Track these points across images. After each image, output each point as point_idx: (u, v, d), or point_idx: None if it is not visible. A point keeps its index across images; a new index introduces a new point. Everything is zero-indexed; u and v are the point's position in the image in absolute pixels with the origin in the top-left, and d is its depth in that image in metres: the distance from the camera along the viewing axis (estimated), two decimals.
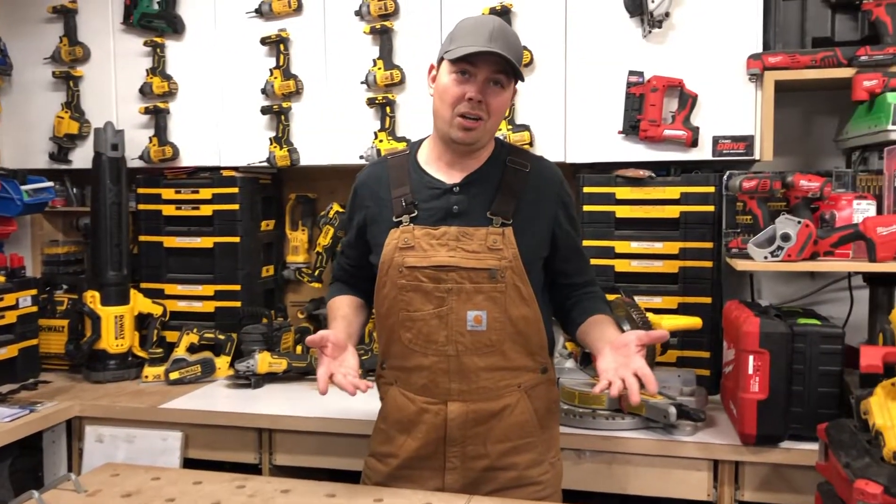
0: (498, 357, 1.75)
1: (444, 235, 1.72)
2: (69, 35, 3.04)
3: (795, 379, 2.04)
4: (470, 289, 1.71)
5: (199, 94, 2.96)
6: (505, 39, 1.66)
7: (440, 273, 1.71)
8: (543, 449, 1.83)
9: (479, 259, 1.71)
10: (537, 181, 1.80)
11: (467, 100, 1.66)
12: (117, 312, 2.84)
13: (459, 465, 1.77)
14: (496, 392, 1.76)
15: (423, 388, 1.77)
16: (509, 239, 1.72)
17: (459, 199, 1.74)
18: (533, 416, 1.80)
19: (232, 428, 2.44)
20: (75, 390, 2.73)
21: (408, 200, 1.75)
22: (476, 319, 1.72)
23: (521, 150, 1.90)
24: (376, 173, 1.85)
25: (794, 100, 2.66)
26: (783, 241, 2.12)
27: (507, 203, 1.74)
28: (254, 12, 2.84)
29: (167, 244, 3.02)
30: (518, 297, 1.74)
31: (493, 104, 1.69)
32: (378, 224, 1.79)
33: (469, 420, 1.75)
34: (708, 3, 2.45)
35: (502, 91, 1.70)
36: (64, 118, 3.05)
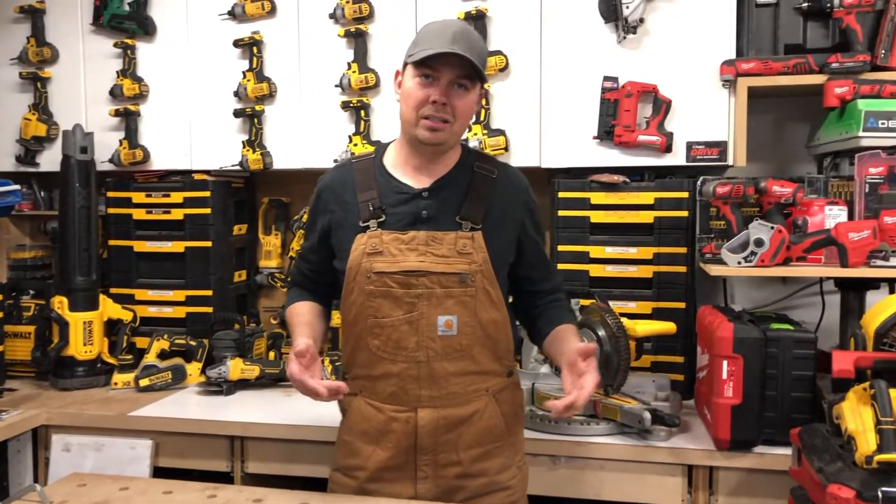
0: (468, 362, 1.74)
1: (413, 240, 1.71)
2: (37, 36, 2.99)
3: (769, 384, 2.06)
4: (440, 293, 1.70)
5: (170, 97, 2.92)
6: (468, 42, 1.66)
7: (410, 278, 1.70)
8: (511, 453, 1.83)
9: (449, 264, 1.70)
10: (504, 187, 1.80)
11: (431, 102, 1.66)
12: (86, 318, 2.79)
13: (431, 473, 1.75)
14: (465, 397, 1.75)
15: (392, 395, 1.74)
16: (479, 243, 1.72)
17: (428, 204, 1.73)
18: (501, 420, 1.80)
19: (203, 436, 2.40)
20: (42, 398, 2.67)
21: (375, 205, 1.74)
22: (447, 324, 1.71)
23: (487, 156, 1.91)
24: (341, 177, 1.82)
25: (766, 106, 2.68)
26: (756, 246, 2.13)
27: (475, 208, 1.74)
28: (227, 14, 2.81)
29: (137, 249, 2.97)
30: (488, 301, 1.73)
31: (458, 106, 1.69)
32: (343, 229, 1.77)
33: (440, 427, 1.74)
34: (682, 9, 2.46)
35: (466, 93, 1.70)
36: (31, 120, 3.00)
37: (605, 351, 2.22)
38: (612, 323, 2.23)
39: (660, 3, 2.47)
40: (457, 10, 2.60)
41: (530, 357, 2.49)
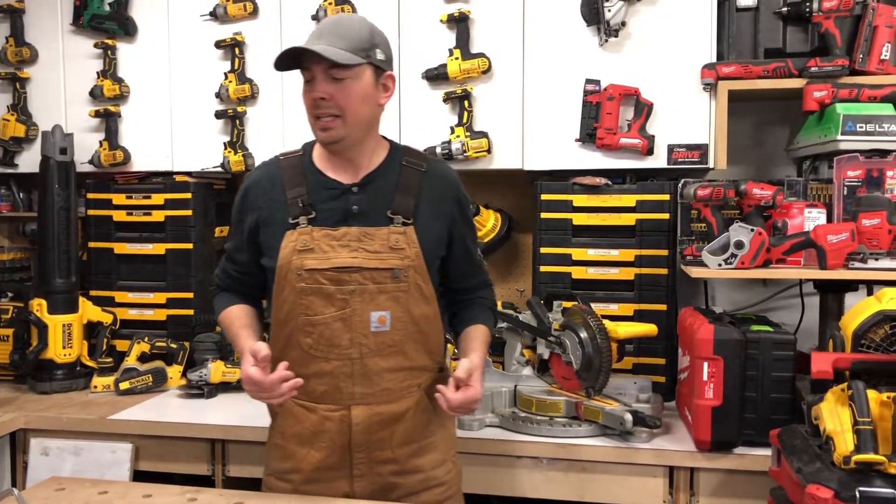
0: (400, 357, 1.74)
1: (344, 236, 1.70)
2: (16, 35, 2.97)
3: (749, 385, 2.07)
4: (373, 289, 1.70)
5: (151, 98, 2.90)
6: (335, 31, 1.66)
7: (342, 275, 1.69)
8: (446, 448, 1.84)
9: (381, 259, 1.70)
10: (434, 181, 1.79)
11: (318, 101, 1.67)
12: (65, 321, 2.76)
13: (367, 471, 1.75)
14: (398, 393, 1.75)
15: (324, 394, 1.74)
16: (411, 238, 1.72)
17: (358, 199, 1.72)
18: (434, 416, 1.80)
19: (184, 439, 2.39)
20: (20, 401, 2.65)
21: (304, 201, 1.72)
22: (380, 320, 1.71)
23: (415, 151, 1.88)
24: (269, 174, 1.79)
25: (746, 109, 2.70)
26: (737, 248, 2.15)
27: (406, 202, 1.74)
28: (208, 15, 2.80)
29: (118, 250, 2.95)
30: (420, 296, 1.74)
31: (339, 97, 1.65)
32: (271, 226, 1.74)
33: (373, 424, 1.74)
34: (663, 13, 2.48)
35: (347, 83, 1.65)
36: (10, 121, 2.97)
37: (587, 353, 2.23)
38: (594, 325, 2.24)
39: (641, 6, 2.48)
40: (439, 11, 2.61)
41: (512, 359, 2.49)
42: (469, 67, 2.57)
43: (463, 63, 2.57)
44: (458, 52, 2.58)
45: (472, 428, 2.27)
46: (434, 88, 2.64)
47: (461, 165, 2.61)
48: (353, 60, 1.64)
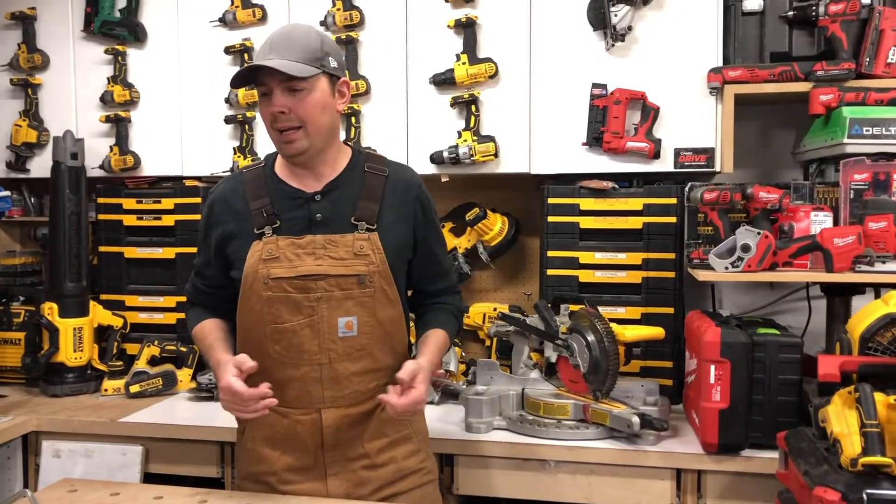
0: (368, 360, 1.76)
1: (309, 244, 1.72)
2: (28, 42, 2.99)
3: (756, 388, 2.07)
4: (339, 296, 1.72)
5: (161, 103, 2.92)
6: (286, 43, 1.67)
7: (308, 282, 1.71)
8: (418, 440, 1.86)
9: (347, 266, 1.72)
10: (397, 185, 1.81)
11: (277, 115, 1.68)
12: (76, 324, 2.78)
13: (340, 469, 1.77)
14: (366, 395, 1.78)
15: (295, 399, 1.76)
16: (375, 243, 1.74)
17: (322, 207, 1.75)
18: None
19: (194, 442, 2.41)
20: (32, 404, 2.67)
21: (268, 211, 1.74)
22: (347, 325, 1.73)
23: (378, 156, 1.91)
24: (232, 187, 1.82)
25: (753, 113, 2.71)
26: (743, 251, 2.15)
27: (369, 208, 1.76)
28: (218, 21, 2.82)
29: (128, 255, 2.97)
30: (385, 300, 1.76)
31: (299, 109, 1.67)
32: (239, 238, 1.76)
33: (343, 425, 1.76)
34: (669, 17, 2.49)
35: (304, 94, 1.67)
36: (22, 126, 3.00)
37: (595, 356, 2.24)
38: (601, 328, 2.24)
39: (648, 11, 2.49)
40: (446, 17, 2.62)
41: (520, 362, 2.50)
42: (476, 72, 2.58)
43: (470, 68, 2.59)
44: (465, 57, 2.59)
45: (479, 431, 2.28)
46: (441, 93, 2.65)
47: (468, 169, 2.63)
48: (307, 72, 1.66)
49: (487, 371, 2.46)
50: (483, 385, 2.44)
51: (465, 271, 2.87)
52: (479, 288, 3.01)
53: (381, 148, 2.69)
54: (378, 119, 2.72)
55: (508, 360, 2.61)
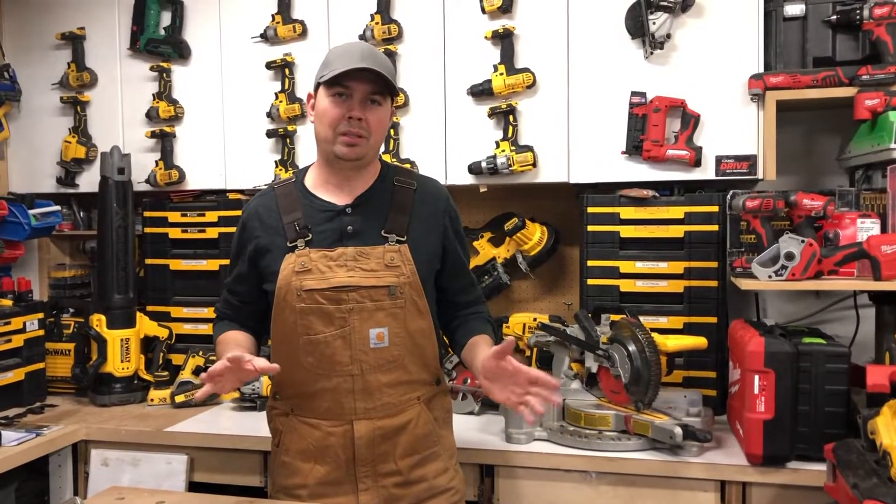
0: (400, 372, 1.77)
1: (341, 256, 1.74)
2: (77, 61, 3.08)
3: (801, 398, 2.04)
4: (371, 307, 1.73)
5: (204, 118, 2.98)
6: (375, 59, 1.72)
7: (340, 293, 1.72)
8: (447, 456, 1.86)
9: (378, 277, 1.74)
10: (425, 197, 1.84)
11: (347, 119, 1.70)
12: (123, 335, 2.85)
13: (372, 484, 1.77)
14: (399, 407, 1.79)
15: (327, 410, 1.77)
16: (406, 255, 1.76)
17: (353, 220, 1.77)
18: (435, 427, 1.83)
19: (237, 451, 2.44)
20: (81, 414, 2.73)
21: (300, 224, 1.77)
22: (378, 336, 1.74)
23: (406, 170, 1.95)
24: (265, 203, 1.85)
25: (797, 119, 2.67)
26: (787, 260, 2.12)
27: (399, 220, 1.78)
28: (259, 37, 2.87)
29: (173, 267, 3.03)
30: (416, 312, 1.77)
31: (372, 121, 1.73)
32: (272, 252, 1.79)
33: (376, 437, 1.77)
34: (709, 24, 2.47)
35: (380, 108, 1.75)
36: (71, 143, 3.08)
37: (636, 366, 2.23)
38: (643, 338, 2.23)
39: (687, 18, 2.47)
40: (484, 28, 2.63)
41: (560, 373, 2.49)
42: (514, 82, 2.59)
43: (508, 78, 2.59)
44: (502, 68, 2.60)
45: (520, 442, 2.28)
46: (479, 104, 2.66)
47: (507, 179, 2.64)
48: (395, 90, 1.76)
49: None
50: None
51: (504, 281, 2.86)
52: (518, 298, 3.01)
53: (420, 159, 2.71)
54: (416, 131, 2.74)
55: (549, 370, 2.59)
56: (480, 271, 2.90)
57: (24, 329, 2.79)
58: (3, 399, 2.73)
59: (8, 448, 2.33)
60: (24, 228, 2.97)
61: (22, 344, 2.79)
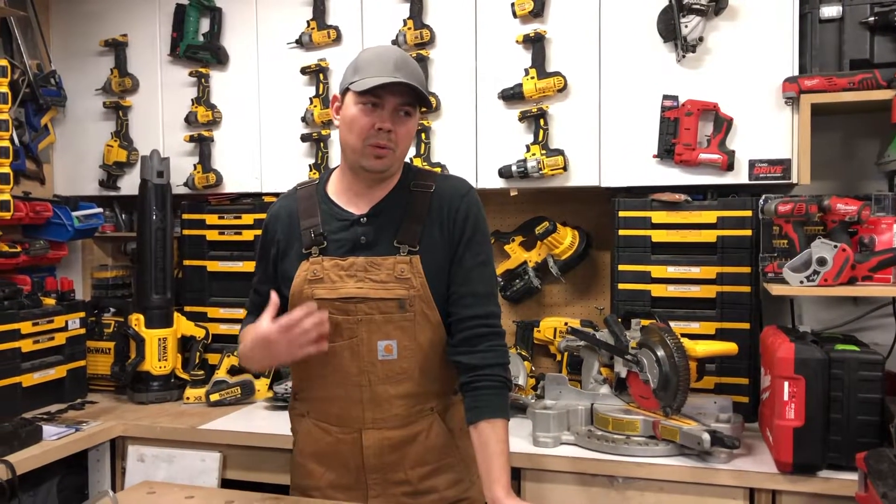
0: (409, 384, 1.73)
1: (351, 266, 1.71)
2: (119, 67, 3.16)
3: (833, 406, 2.00)
4: (379, 319, 1.70)
5: (241, 123, 3.04)
6: (408, 69, 1.67)
7: (349, 304, 1.70)
8: (462, 467, 1.80)
9: (388, 289, 1.70)
10: (442, 199, 1.76)
11: (377, 130, 1.66)
12: (161, 335, 2.91)
13: (382, 491, 1.76)
14: (409, 418, 1.75)
15: (338, 417, 1.76)
16: (417, 268, 1.70)
17: (366, 230, 1.73)
18: (450, 438, 1.79)
19: (269, 449, 2.47)
20: (119, 410, 2.80)
21: (316, 232, 1.74)
22: (387, 349, 1.71)
23: (427, 172, 1.87)
24: (287, 206, 1.83)
25: (834, 123, 2.62)
26: (819, 265, 2.09)
27: (412, 231, 1.72)
28: (294, 43, 2.92)
29: (210, 268, 3.09)
30: (426, 324, 1.72)
31: (401, 133, 1.69)
32: (289, 256, 1.78)
33: (384, 447, 1.75)
34: (742, 27, 2.44)
35: (409, 119, 1.70)
36: (113, 147, 3.16)
37: (665, 371, 2.21)
38: (671, 343, 2.21)
39: (719, 21, 2.45)
40: (515, 32, 2.64)
41: (590, 377, 2.48)
42: (545, 86, 2.59)
43: (539, 82, 2.60)
44: (533, 72, 2.61)
45: (547, 445, 2.27)
46: (510, 108, 2.67)
47: (537, 183, 2.64)
48: (428, 103, 1.71)
49: (556, 385, 2.46)
50: (551, 399, 2.44)
51: (535, 285, 2.87)
52: (550, 302, 3.00)
53: (451, 163, 2.73)
54: (448, 134, 2.76)
55: (578, 374, 2.59)
56: (511, 275, 2.91)
57: (66, 327, 2.87)
58: (46, 395, 2.81)
59: (49, 442, 2.41)
60: (67, 230, 3.06)
61: (64, 342, 2.87)
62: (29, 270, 3.05)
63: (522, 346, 2.88)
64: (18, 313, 2.69)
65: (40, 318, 2.77)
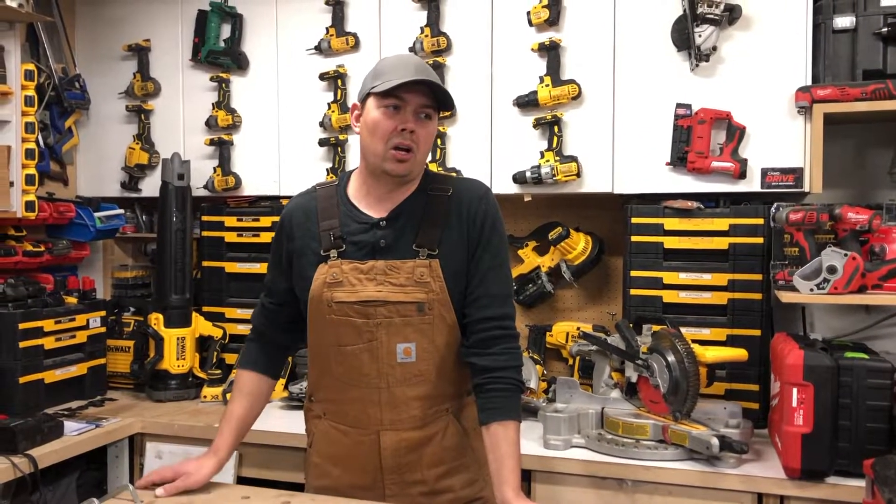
0: (427, 386, 1.74)
1: (371, 270, 1.71)
2: (142, 71, 3.23)
3: (842, 413, 2.02)
4: (399, 322, 1.71)
5: (260, 127, 3.09)
6: (429, 74, 1.69)
7: (368, 308, 1.70)
8: (477, 468, 1.81)
9: (406, 293, 1.70)
10: (460, 202, 1.76)
11: (400, 131, 1.66)
12: (179, 334, 2.97)
13: (399, 491, 1.77)
14: (425, 420, 1.76)
15: (355, 419, 1.77)
16: (436, 271, 1.71)
17: (386, 234, 1.73)
18: (465, 438, 1.80)
19: (284, 448, 2.52)
20: (138, 408, 2.86)
21: (336, 234, 1.74)
22: (406, 352, 1.71)
23: (443, 176, 1.88)
24: (305, 204, 1.82)
25: (847, 132, 2.64)
26: (829, 273, 2.11)
27: (431, 234, 1.73)
28: (314, 49, 2.97)
29: (228, 269, 3.14)
30: (444, 326, 1.73)
31: (422, 135, 1.69)
32: (305, 256, 1.77)
33: (401, 448, 1.76)
34: (756, 37, 2.47)
35: (429, 122, 1.71)
36: (135, 149, 3.23)
37: (674, 376, 2.24)
38: (682, 348, 2.24)
39: (733, 30, 2.48)
40: (531, 40, 2.68)
41: (601, 382, 2.51)
42: (559, 94, 2.63)
43: (553, 90, 2.63)
44: (548, 79, 2.64)
45: (557, 448, 2.30)
46: (524, 115, 2.71)
47: (551, 189, 2.67)
48: (450, 105, 1.72)
49: (567, 389, 2.48)
50: (562, 403, 2.46)
51: (548, 290, 2.90)
52: (562, 307, 3.03)
53: (466, 168, 2.77)
54: (463, 140, 2.80)
55: (590, 379, 2.62)
56: (525, 280, 2.94)
57: (87, 326, 2.93)
58: (67, 392, 2.87)
59: (69, 437, 2.46)
60: (89, 230, 3.12)
61: (85, 340, 2.93)
62: (52, 269, 3.12)
63: (535, 349, 2.91)
64: (42, 311, 2.75)
65: (62, 317, 2.83)
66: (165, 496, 1.73)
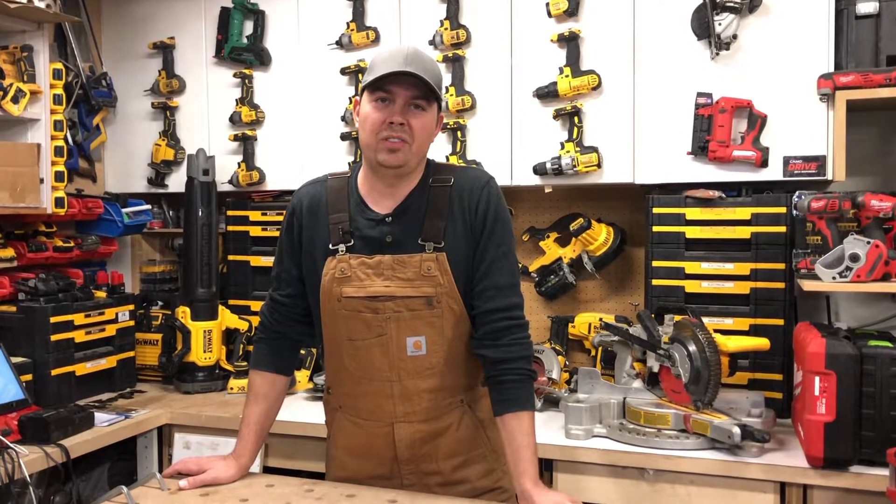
0: (438, 378, 1.75)
1: (379, 265, 1.72)
2: (167, 69, 3.28)
3: (865, 402, 2.01)
4: (408, 316, 1.71)
5: (283, 122, 3.13)
6: (420, 63, 1.66)
7: (377, 302, 1.71)
8: (493, 458, 1.82)
9: (414, 287, 1.71)
10: (461, 193, 1.75)
11: (389, 124, 1.65)
12: (206, 327, 3.01)
13: (416, 481, 1.79)
14: (438, 411, 1.77)
15: (370, 412, 1.79)
16: (443, 265, 1.71)
17: (392, 229, 1.73)
18: (480, 429, 1.81)
19: (309, 438, 2.55)
20: (166, 400, 2.91)
21: (345, 229, 1.74)
22: (416, 345, 1.72)
23: (445, 166, 1.86)
24: (316, 193, 1.81)
25: (871, 119, 2.61)
26: (852, 261, 2.09)
27: (435, 227, 1.72)
28: (335, 44, 3.00)
29: (253, 263, 3.19)
30: (453, 318, 1.73)
31: (415, 126, 1.67)
32: (314, 245, 1.78)
33: (416, 440, 1.77)
34: (776, 24, 2.45)
35: (423, 113, 1.68)
36: (161, 145, 3.28)
37: (696, 366, 2.23)
38: (703, 338, 2.23)
39: (753, 18, 2.46)
40: (550, 31, 2.68)
41: (623, 371, 2.51)
42: (579, 84, 2.63)
43: (573, 80, 2.63)
44: (568, 70, 2.64)
45: (579, 437, 2.31)
46: (545, 106, 2.71)
47: (571, 180, 2.67)
48: (438, 95, 1.70)
49: (589, 379, 2.49)
50: (584, 393, 2.47)
51: (570, 281, 2.90)
52: (584, 298, 3.04)
53: (486, 160, 2.78)
54: (483, 132, 2.81)
55: (612, 369, 2.62)
56: (547, 271, 2.95)
57: (116, 319, 2.99)
58: (97, 384, 2.93)
59: (100, 428, 2.52)
60: (117, 226, 3.18)
61: (114, 333, 2.98)
62: (82, 265, 3.17)
63: (557, 341, 2.92)
64: (72, 305, 2.81)
65: (92, 311, 2.89)
66: (189, 489, 1.76)
